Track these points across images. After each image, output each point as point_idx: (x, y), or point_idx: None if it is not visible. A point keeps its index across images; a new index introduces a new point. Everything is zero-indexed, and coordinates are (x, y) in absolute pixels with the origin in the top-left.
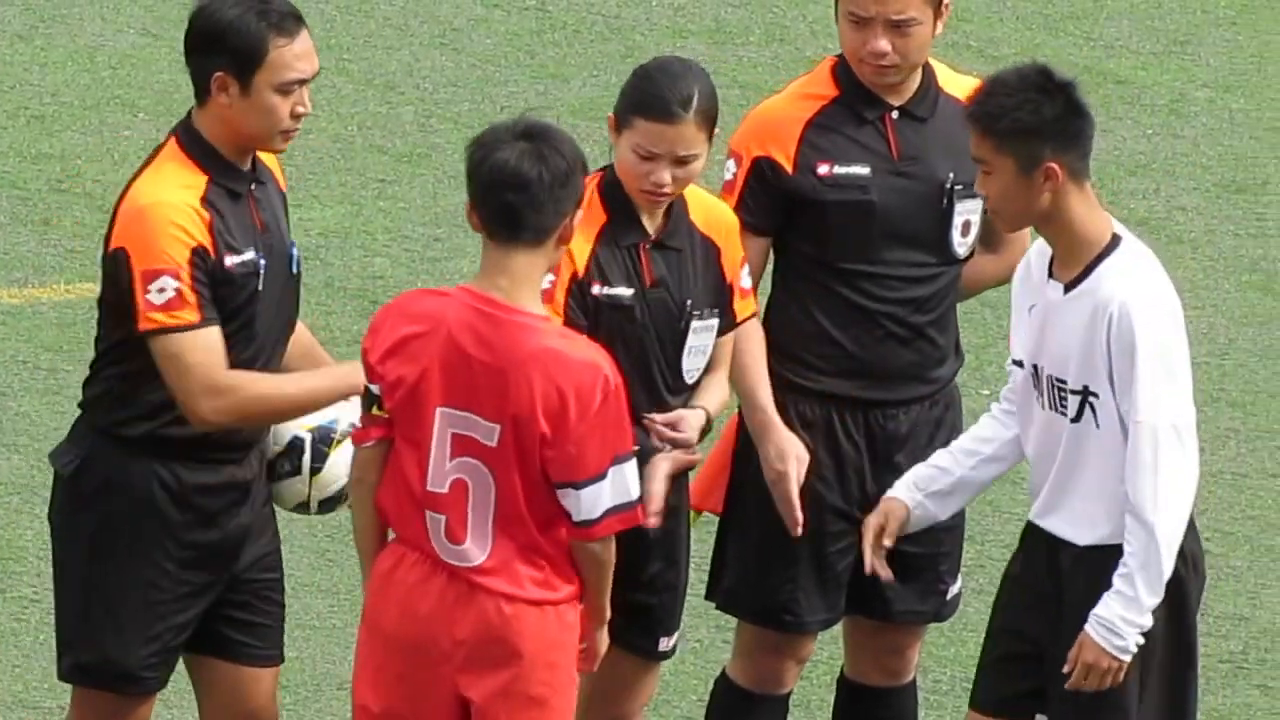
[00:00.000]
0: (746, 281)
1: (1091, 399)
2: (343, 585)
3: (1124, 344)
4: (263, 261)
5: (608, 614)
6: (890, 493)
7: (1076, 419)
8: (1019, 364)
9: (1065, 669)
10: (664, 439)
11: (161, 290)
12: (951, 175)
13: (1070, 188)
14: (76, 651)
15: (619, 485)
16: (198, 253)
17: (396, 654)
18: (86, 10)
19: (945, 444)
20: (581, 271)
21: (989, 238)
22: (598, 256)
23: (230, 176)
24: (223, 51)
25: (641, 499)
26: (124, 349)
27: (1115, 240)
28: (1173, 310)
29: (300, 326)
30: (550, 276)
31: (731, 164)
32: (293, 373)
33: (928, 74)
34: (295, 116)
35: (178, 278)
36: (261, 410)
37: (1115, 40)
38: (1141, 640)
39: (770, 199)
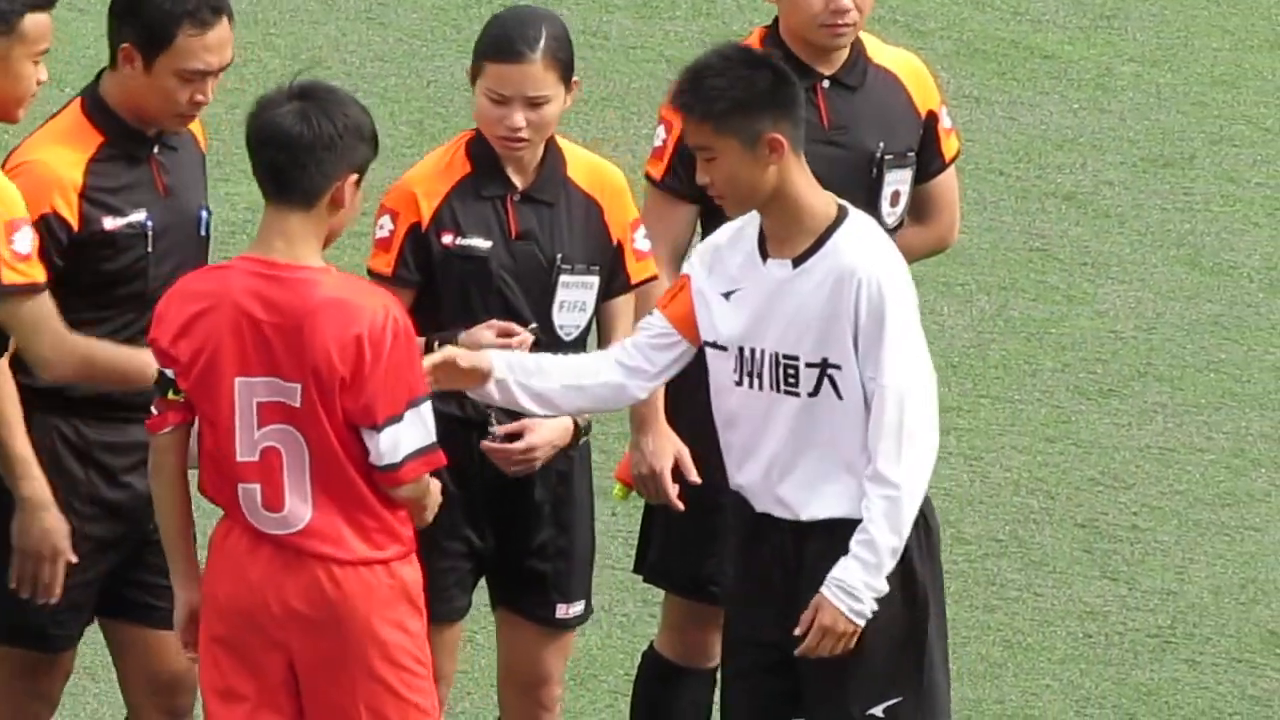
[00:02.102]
0: (643, 244)
1: (832, 370)
2: None
3: (874, 311)
4: (150, 224)
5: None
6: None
7: (814, 393)
8: (719, 347)
9: (798, 631)
10: (495, 455)
11: (24, 241)
12: (881, 145)
13: (792, 160)
14: None
15: (417, 428)
16: (46, 220)
17: (230, 625)
18: None
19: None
20: (426, 223)
21: (918, 210)
22: (452, 208)
23: (129, 140)
24: (134, 24)
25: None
26: None
27: (843, 212)
28: (908, 276)
29: None
30: (389, 225)
31: (661, 130)
32: (133, 348)
33: (857, 45)
34: (194, 104)
35: (36, 232)
36: (91, 376)
37: (1041, 15)
38: (876, 607)
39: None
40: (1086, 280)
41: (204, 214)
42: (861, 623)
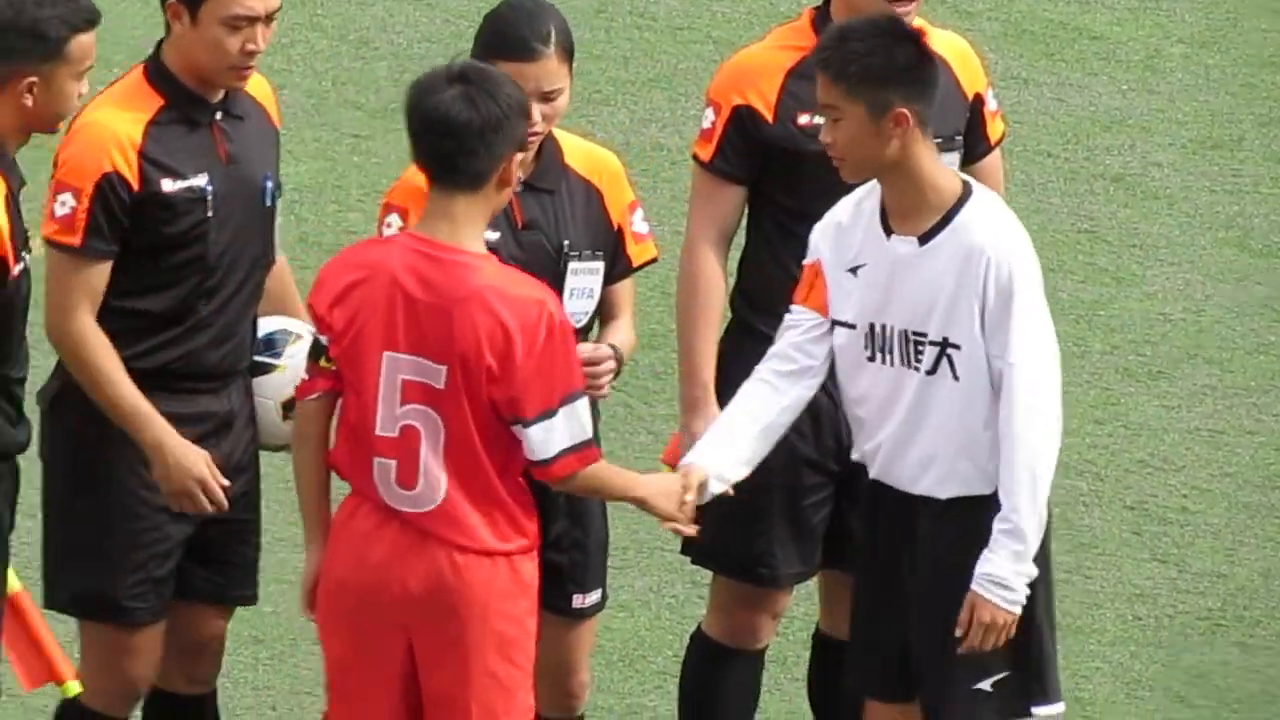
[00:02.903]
0: (640, 226)
1: (950, 350)
2: None
3: (1002, 290)
4: (210, 189)
5: (644, 494)
6: (685, 459)
7: (931, 371)
8: (848, 325)
9: (958, 633)
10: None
11: (62, 204)
12: (932, 128)
13: (918, 136)
14: (69, 583)
15: (572, 424)
16: (108, 178)
17: (350, 602)
18: None
19: None
20: None
21: None
22: None
23: (190, 105)
24: None
25: (597, 441)
26: None
27: (968, 189)
28: (1034, 254)
29: (282, 267)
30: (398, 222)
31: (710, 113)
32: (129, 382)
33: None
34: (247, 53)
35: (78, 197)
36: (80, 374)
37: None
38: (1029, 590)
39: (748, 147)
40: (1135, 262)
41: (269, 184)
42: (1018, 610)
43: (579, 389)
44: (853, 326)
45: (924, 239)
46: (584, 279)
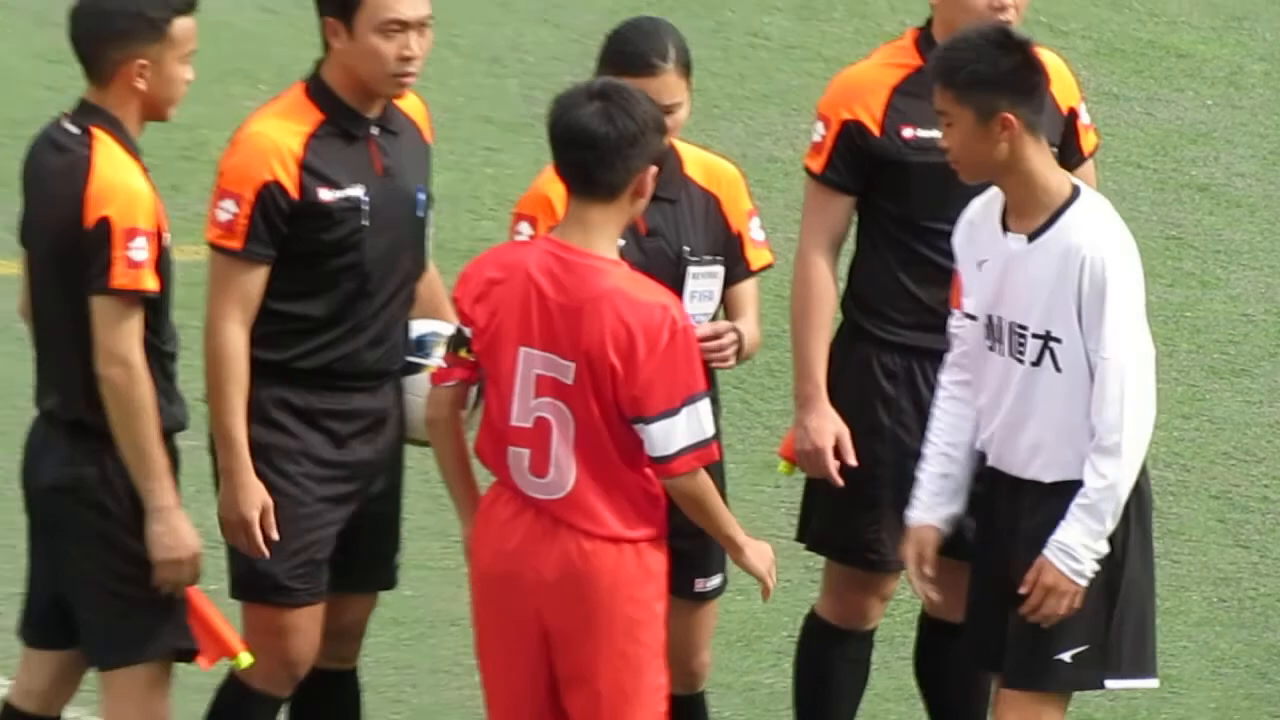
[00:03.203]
0: (758, 234)
1: (1053, 344)
2: (455, 529)
3: (1096, 286)
4: (366, 199)
5: (740, 540)
6: (913, 520)
7: (1036, 363)
8: (972, 317)
9: (1022, 590)
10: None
11: (224, 210)
12: None
13: (1027, 139)
14: (233, 567)
15: (693, 423)
16: (269, 187)
17: (491, 587)
18: None
19: None
20: None
21: None
22: None
23: (348, 120)
24: (330, 0)
25: (717, 437)
26: None
27: (1076, 191)
28: (1136, 256)
29: (433, 273)
30: (528, 230)
31: (820, 126)
32: (241, 406)
33: None
34: (404, 59)
35: (239, 204)
36: (208, 375)
37: (1177, 16)
38: (1097, 567)
39: (857, 159)
40: (1219, 267)
41: (421, 196)
42: (1083, 583)
43: (701, 390)
44: (975, 319)
45: (1032, 237)
46: (703, 282)
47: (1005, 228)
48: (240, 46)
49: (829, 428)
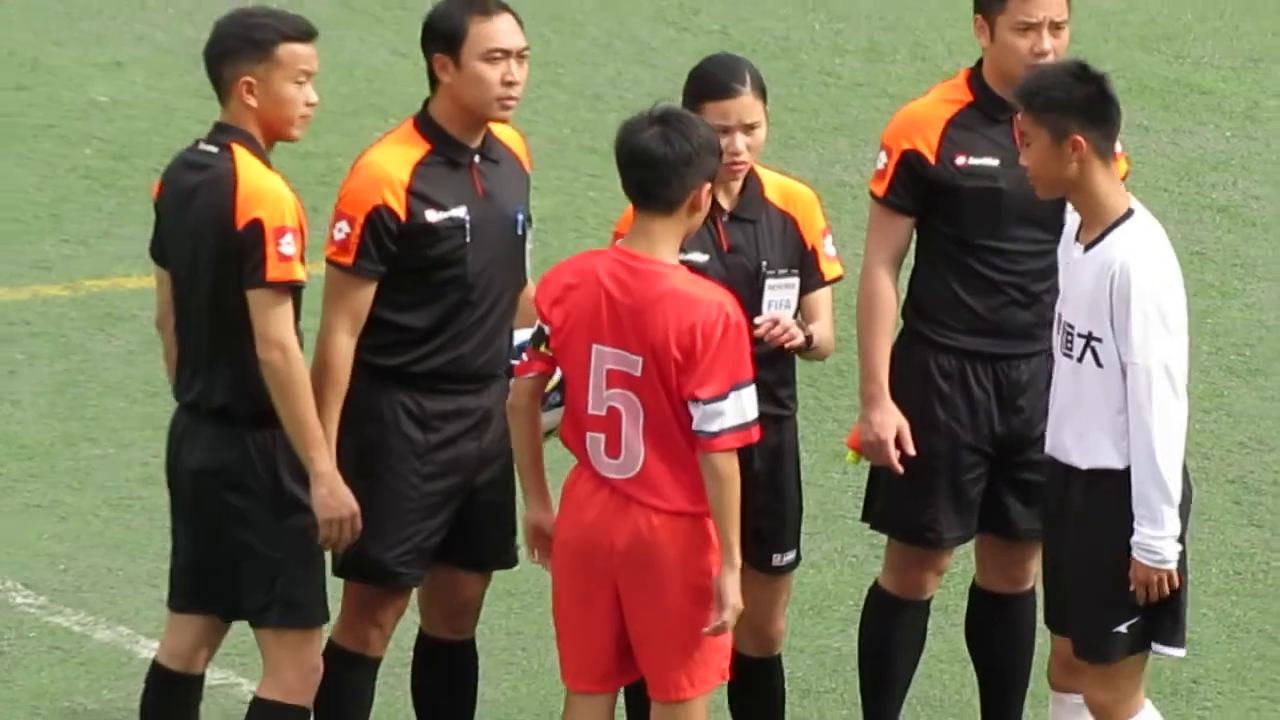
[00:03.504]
0: (830, 249)
1: (1095, 343)
2: None
3: (1122, 296)
4: (469, 220)
5: (736, 558)
6: None
7: (1080, 359)
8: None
9: (1132, 588)
10: (768, 337)
11: (340, 230)
12: None
13: (1095, 162)
14: (345, 552)
15: (738, 407)
16: (379, 210)
17: (571, 557)
18: (347, 33)
19: None
20: None
21: None
22: None
23: (452, 149)
24: (437, 38)
25: (758, 421)
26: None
27: (1129, 213)
28: (1169, 274)
29: (532, 287)
30: None
31: (883, 155)
32: (335, 413)
33: None
34: (507, 84)
35: (352, 225)
36: (313, 380)
37: (1200, 57)
38: (1180, 546)
39: (915, 184)
40: (1237, 279)
41: (520, 217)
42: (1169, 566)
43: (748, 379)
44: (1057, 316)
45: (1088, 248)
46: (780, 293)
47: (1077, 237)
48: (372, 84)
49: (891, 422)
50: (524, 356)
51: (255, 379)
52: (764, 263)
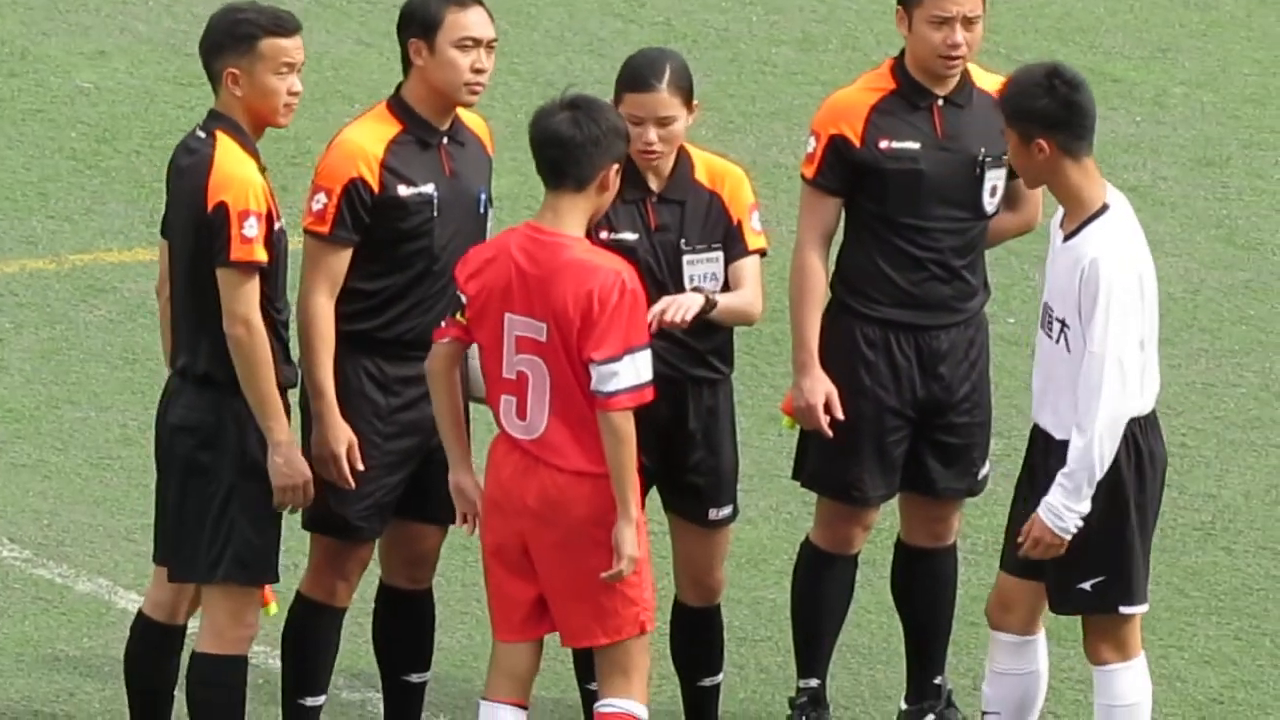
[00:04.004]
0: (757, 224)
1: (1066, 329)
2: None
3: (1090, 291)
4: (437, 196)
5: (633, 511)
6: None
7: (1055, 341)
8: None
9: (1020, 539)
10: (662, 324)
11: (317, 201)
12: (983, 150)
13: (1064, 161)
14: (311, 507)
15: (633, 369)
16: (354, 182)
17: (490, 512)
18: (315, 25)
19: (975, 359)
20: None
21: (1011, 199)
22: (610, 210)
23: (422, 129)
24: (414, 24)
25: (653, 382)
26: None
27: (1104, 208)
28: (1135, 271)
29: None
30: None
31: (812, 140)
32: (329, 363)
33: (965, 74)
34: (476, 70)
35: (329, 196)
36: (300, 338)
37: (1112, 48)
38: (1080, 523)
39: (842, 167)
40: None
41: (483, 195)
42: (1066, 537)
43: (643, 344)
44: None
45: (1067, 238)
46: (700, 267)
47: (1060, 225)
48: (339, 73)
49: (820, 388)
50: (442, 323)
51: None
52: (682, 240)
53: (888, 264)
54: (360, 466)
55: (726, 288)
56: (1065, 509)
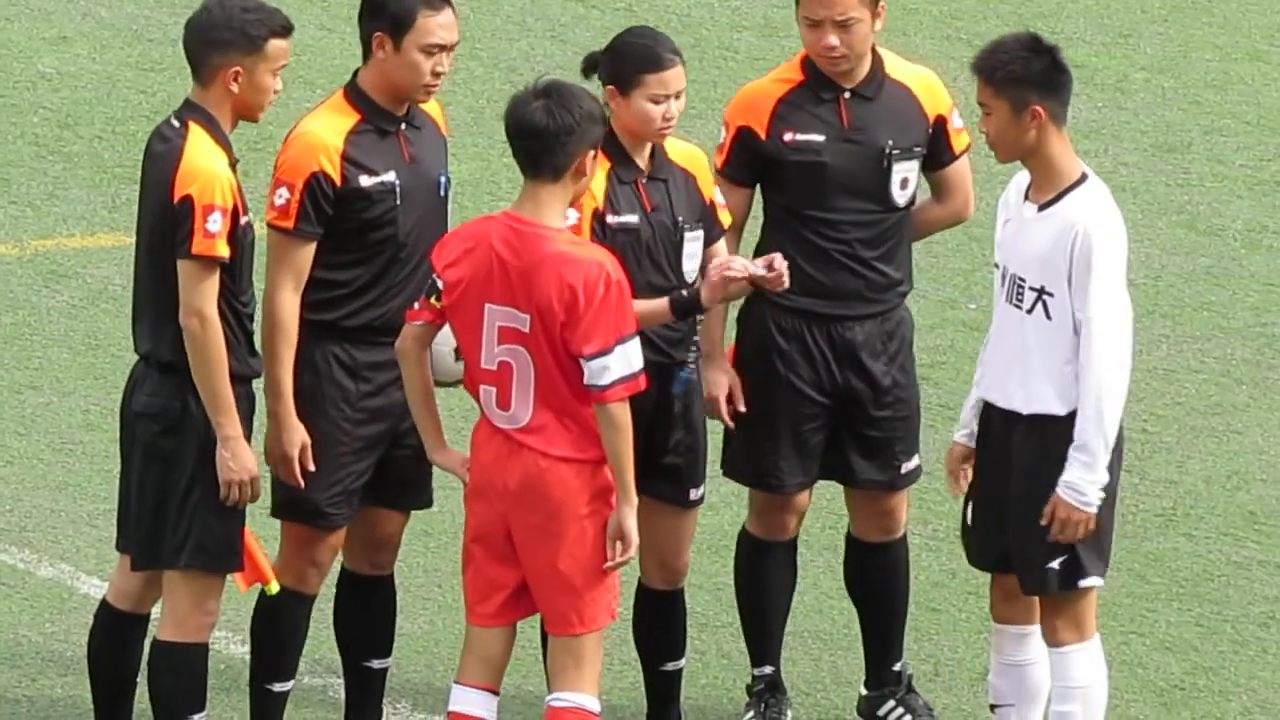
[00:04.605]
0: (721, 199)
1: (1046, 297)
2: None
3: (1083, 257)
4: (399, 183)
5: (634, 497)
6: (956, 440)
7: (1030, 311)
8: (996, 265)
9: (1043, 523)
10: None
11: (280, 196)
12: (890, 142)
13: (1050, 129)
14: (282, 494)
15: (624, 360)
16: (316, 176)
17: (472, 496)
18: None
19: (894, 353)
20: (601, 205)
21: (939, 192)
22: (610, 193)
23: (381, 118)
24: (384, 16)
25: (645, 370)
26: None
27: (1083, 177)
28: (1122, 237)
29: None
30: (574, 214)
31: (723, 131)
32: (289, 361)
33: (876, 63)
34: (435, 74)
35: (291, 191)
36: (264, 334)
37: (1074, 33)
38: (1103, 494)
39: (749, 158)
40: None
41: (443, 179)
42: (1092, 510)
43: (630, 333)
44: (997, 267)
45: (1042, 208)
46: (693, 246)
47: (1026, 196)
48: (301, 58)
49: (723, 380)
50: (416, 304)
51: None
52: (680, 218)
53: (798, 254)
54: (312, 468)
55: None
56: (1086, 483)
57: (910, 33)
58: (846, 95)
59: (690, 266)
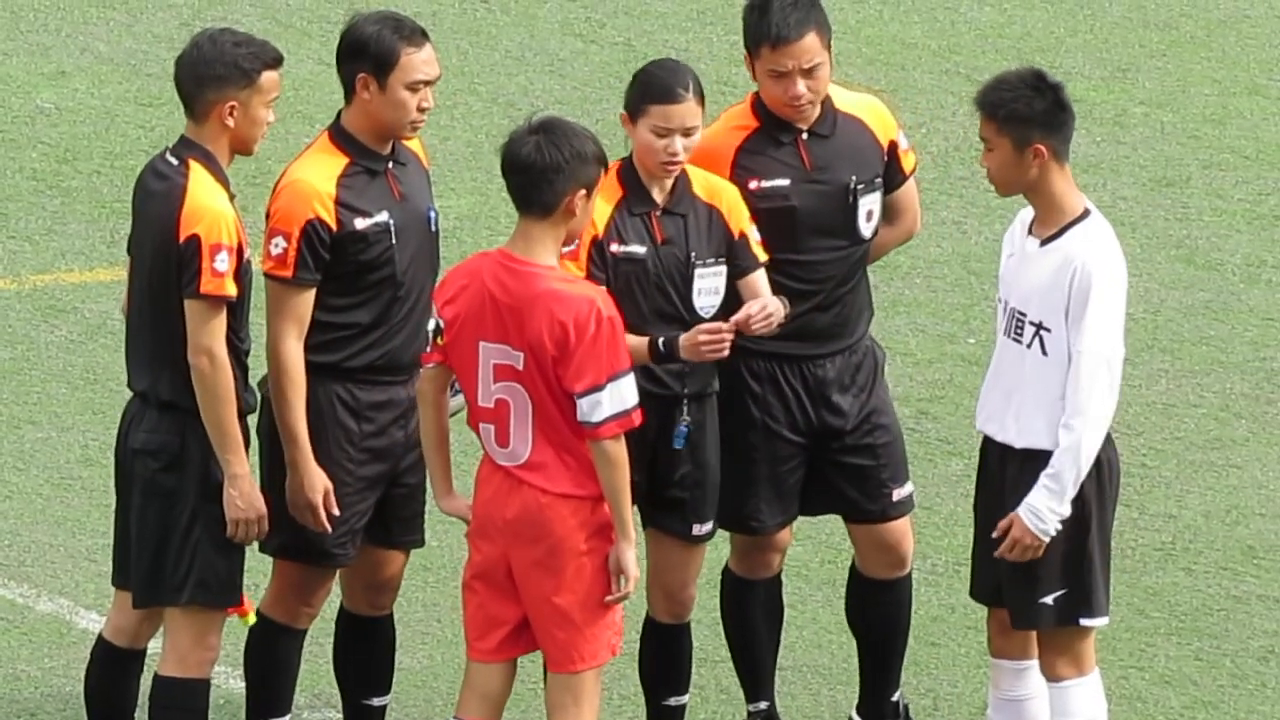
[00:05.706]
0: (756, 235)
1: (1044, 332)
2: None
3: (1082, 292)
4: (392, 223)
5: (632, 533)
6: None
7: (1029, 346)
8: (999, 299)
9: (995, 535)
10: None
11: (276, 246)
12: (854, 178)
13: (1053, 165)
14: (282, 534)
15: (617, 396)
16: (311, 224)
17: (476, 532)
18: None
19: (864, 384)
20: (601, 234)
21: (889, 213)
22: (616, 223)
23: (369, 159)
24: (366, 57)
25: (640, 406)
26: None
27: (1086, 213)
28: (1121, 274)
29: None
30: (576, 241)
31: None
32: (301, 409)
33: (826, 99)
34: (421, 110)
35: (288, 240)
36: (273, 385)
37: (1072, 68)
38: (1060, 526)
39: None
40: None
41: (432, 213)
42: (1045, 539)
43: (624, 369)
44: (1000, 301)
45: (1044, 243)
46: (709, 280)
47: (1030, 231)
48: (300, 92)
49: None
50: (429, 348)
51: None
52: (693, 253)
53: None
54: (336, 512)
55: (725, 301)
56: (1048, 510)
57: (909, 67)
58: (804, 136)
59: (706, 301)
